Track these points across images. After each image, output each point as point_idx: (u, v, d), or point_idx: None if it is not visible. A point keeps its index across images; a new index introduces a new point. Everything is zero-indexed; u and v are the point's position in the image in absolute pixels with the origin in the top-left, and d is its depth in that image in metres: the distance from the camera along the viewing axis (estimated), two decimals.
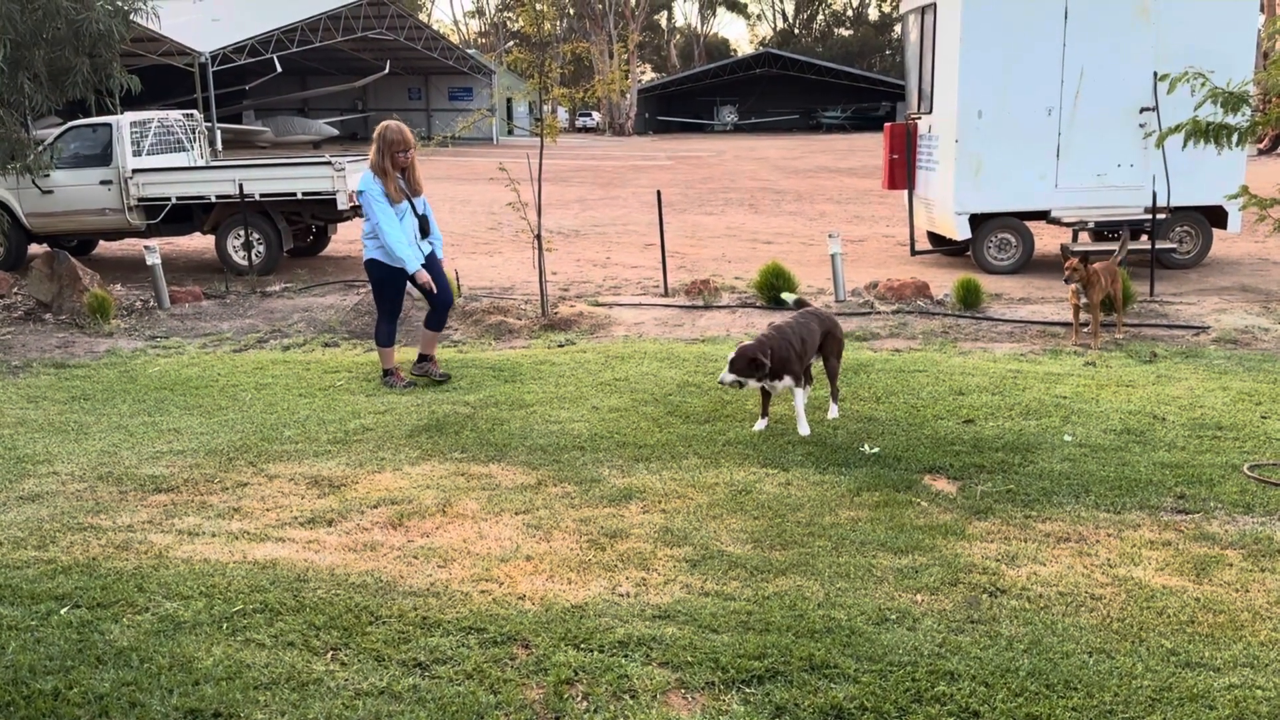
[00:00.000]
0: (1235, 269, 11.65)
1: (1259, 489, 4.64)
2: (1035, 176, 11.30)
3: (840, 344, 6.04)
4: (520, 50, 9.51)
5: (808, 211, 18.46)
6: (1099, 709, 2.89)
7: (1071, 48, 11.00)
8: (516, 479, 4.99)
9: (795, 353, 5.59)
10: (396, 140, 6.65)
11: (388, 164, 6.66)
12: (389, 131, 6.68)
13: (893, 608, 3.51)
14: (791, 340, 5.63)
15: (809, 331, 5.79)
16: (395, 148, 6.65)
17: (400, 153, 6.67)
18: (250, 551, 4.09)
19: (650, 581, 3.77)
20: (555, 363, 7.53)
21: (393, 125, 6.75)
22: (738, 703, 2.94)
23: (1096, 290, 7.88)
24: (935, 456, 5.13)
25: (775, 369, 5.49)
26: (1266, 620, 3.44)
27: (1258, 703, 2.92)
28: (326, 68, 46.06)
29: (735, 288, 10.49)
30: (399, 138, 6.66)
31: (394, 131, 6.68)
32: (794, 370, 5.58)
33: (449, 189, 23.63)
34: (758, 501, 4.57)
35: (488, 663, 3.18)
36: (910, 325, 8.76)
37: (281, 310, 10.34)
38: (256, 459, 5.35)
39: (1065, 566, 3.88)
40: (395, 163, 6.68)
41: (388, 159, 6.65)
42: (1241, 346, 7.81)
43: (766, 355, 5.43)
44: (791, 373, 5.57)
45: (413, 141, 6.77)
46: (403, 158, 6.69)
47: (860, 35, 74.18)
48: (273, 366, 7.80)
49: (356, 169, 12.62)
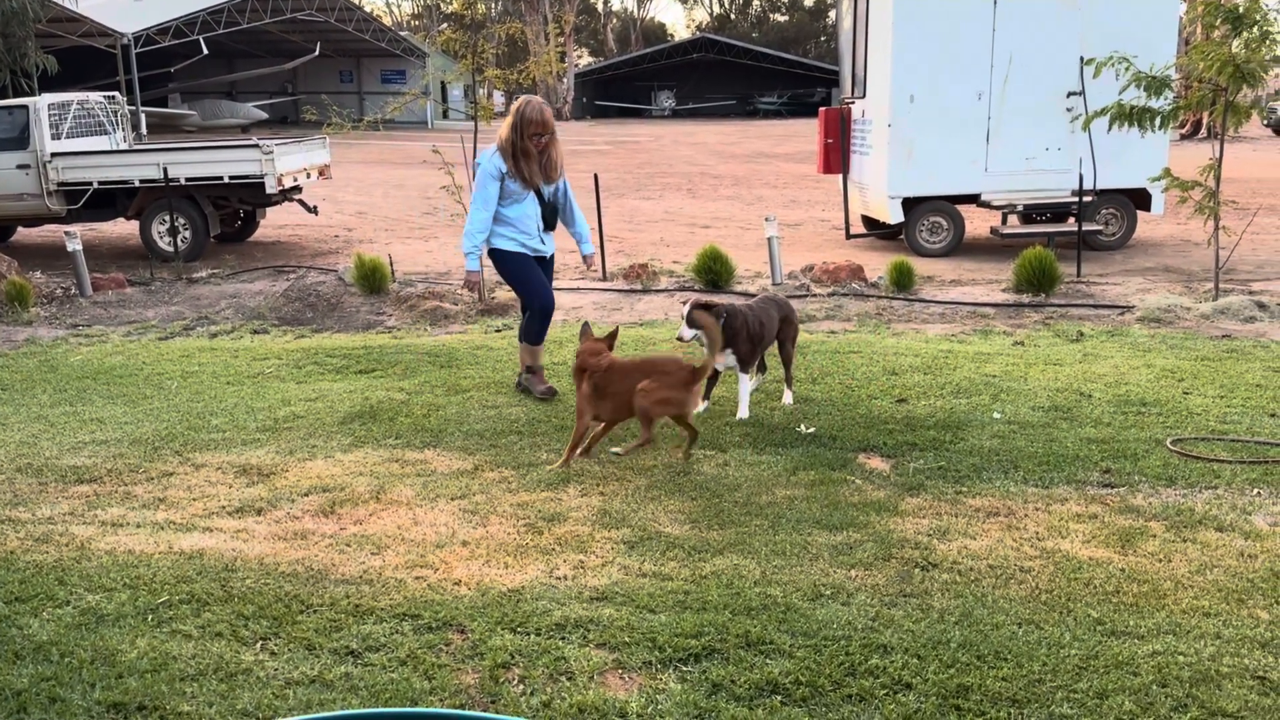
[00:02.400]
0: (1159, 250, 11.96)
1: (1181, 462, 4.76)
2: (966, 161, 11.47)
3: (795, 330, 5.99)
4: (453, 31, 9.37)
5: (745, 196, 18.53)
6: (1028, 678, 2.95)
7: (1001, 33, 11.17)
8: (452, 465, 4.94)
9: (749, 332, 5.49)
10: (535, 120, 5.71)
11: (525, 144, 5.74)
12: (529, 109, 5.71)
13: (827, 584, 3.54)
14: (749, 319, 5.53)
15: (768, 317, 5.69)
16: (532, 129, 5.72)
17: (537, 135, 5.74)
18: (176, 542, 3.98)
19: (588, 564, 3.75)
20: (492, 348, 7.47)
21: (535, 103, 5.78)
22: (674, 681, 2.94)
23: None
24: (869, 435, 5.19)
25: (727, 338, 5.35)
26: (1188, 589, 3.54)
27: (1179, 668, 3.00)
28: (255, 50, 44.96)
29: (674, 272, 10.49)
30: (539, 117, 5.71)
31: (535, 110, 5.72)
32: (742, 348, 5.48)
33: (383, 173, 23.28)
34: (695, 482, 4.58)
35: (422, 649, 3.14)
36: (845, 307, 8.84)
37: (209, 297, 10.09)
38: (183, 448, 5.21)
39: (995, 540, 3.94)
40: (531, 146, 5.76)
41: (525, 139, 5.73)
42: (1165, 325, 8.03)
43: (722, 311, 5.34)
44: (739, 350, 5.47)
45: (553, 125, 5.85)
46: (540, 141, 5.77)
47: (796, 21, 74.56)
48: (200, 354, 7.61)
49: (285, 152, 12.38)
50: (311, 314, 9.38)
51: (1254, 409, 5.58)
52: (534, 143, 5.76)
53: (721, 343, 5.23)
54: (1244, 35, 8.20)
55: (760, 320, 5.60)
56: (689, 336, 5.40)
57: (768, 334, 5.68)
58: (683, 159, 27.45)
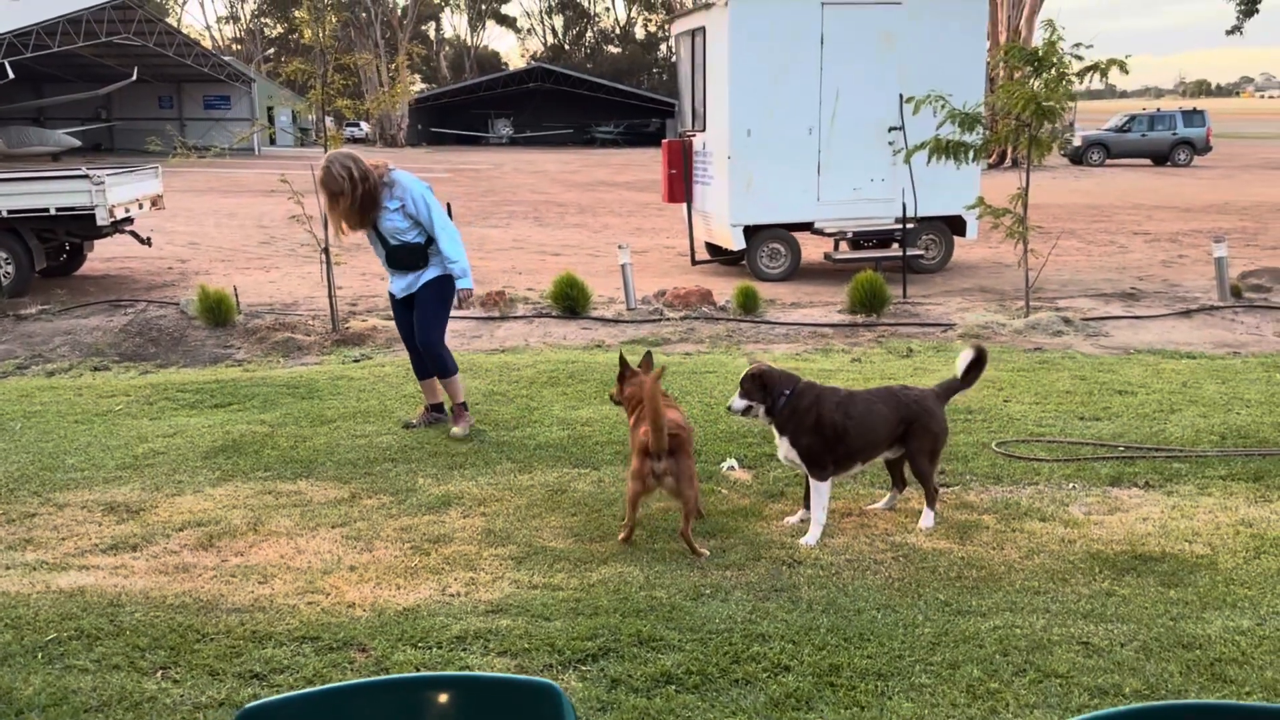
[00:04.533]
0: (974, 272, 12.96)
1: (1006, 462, 5.31)
2: (800, 190, 12.16)
3: (934, 439, 4.43)
4: (301, 62, 9.33)
5: (592, 224, 18.90)
6: (889, 654, 3.30)
7: (828, 71, 11.92)
8: (328, 494, 4.98)
9: (822, 423, 4.22)
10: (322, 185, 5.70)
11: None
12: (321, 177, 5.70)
13: (707, 584, 3.82)
14: (825, 407, 4.24)
15: (871, 413, 4.31)
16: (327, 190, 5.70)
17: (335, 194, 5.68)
18: (53, 581, 3.90)
19: (479, 580, 3.91)
20: (353, 377, 7.47)
21: (323, 164, 5.72)
22: (576, 680, 3.15)
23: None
24: (731, 449, 5.53)
25: (783, 420, 4.27)
26: (1020, 572, 4.00)
27: (1017, 639, 3.42)
28: (65, 74, 42.52)
29: (529, 298, 10.68)
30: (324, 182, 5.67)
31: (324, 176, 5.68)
32: (803, 440, 4.23)
33: (213, 202, 22.50)
34: (574, 499, 4.79)
35: (327, 667, 3.23)
36: (698, 330, 9.25)
37: (41, 334, 9.62)
38: (41, 488, 5.05)
39: (851, 538, 4.33)
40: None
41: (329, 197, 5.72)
42: (984, 340, 8.77)
43: (773, 379, 4.30)
44: (798, 443, 4.25)
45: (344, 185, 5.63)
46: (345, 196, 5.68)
47: (629, 53, 76.15)
48: (40, 394, 7.29)
49: (117, 182, 11.91)
50: (155, 349, 9.09)
51: (1065, 413, 6.24)
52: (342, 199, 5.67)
53: (776, 428, 4.31)
54: (1043, 76, 9.10)
55: (848, 413, 4.26)
56: (739, 408, 4.33)
57: (867, 436, 4.31)
58: (526, 187, 27.65)
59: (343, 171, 5.64)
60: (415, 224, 5.85)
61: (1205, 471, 5.12)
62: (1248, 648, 3.33)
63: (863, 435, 4.30)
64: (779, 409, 4.28)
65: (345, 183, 5.64)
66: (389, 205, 5.79)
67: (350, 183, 5.64)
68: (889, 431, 4.36)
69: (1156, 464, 5.24)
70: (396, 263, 5.94)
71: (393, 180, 5.82)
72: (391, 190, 5.79)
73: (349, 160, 5.72)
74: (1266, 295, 10.43)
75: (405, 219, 5.82)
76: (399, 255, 5.90)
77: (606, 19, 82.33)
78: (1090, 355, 8.12)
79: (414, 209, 5.81)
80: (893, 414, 4.36)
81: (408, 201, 5.80)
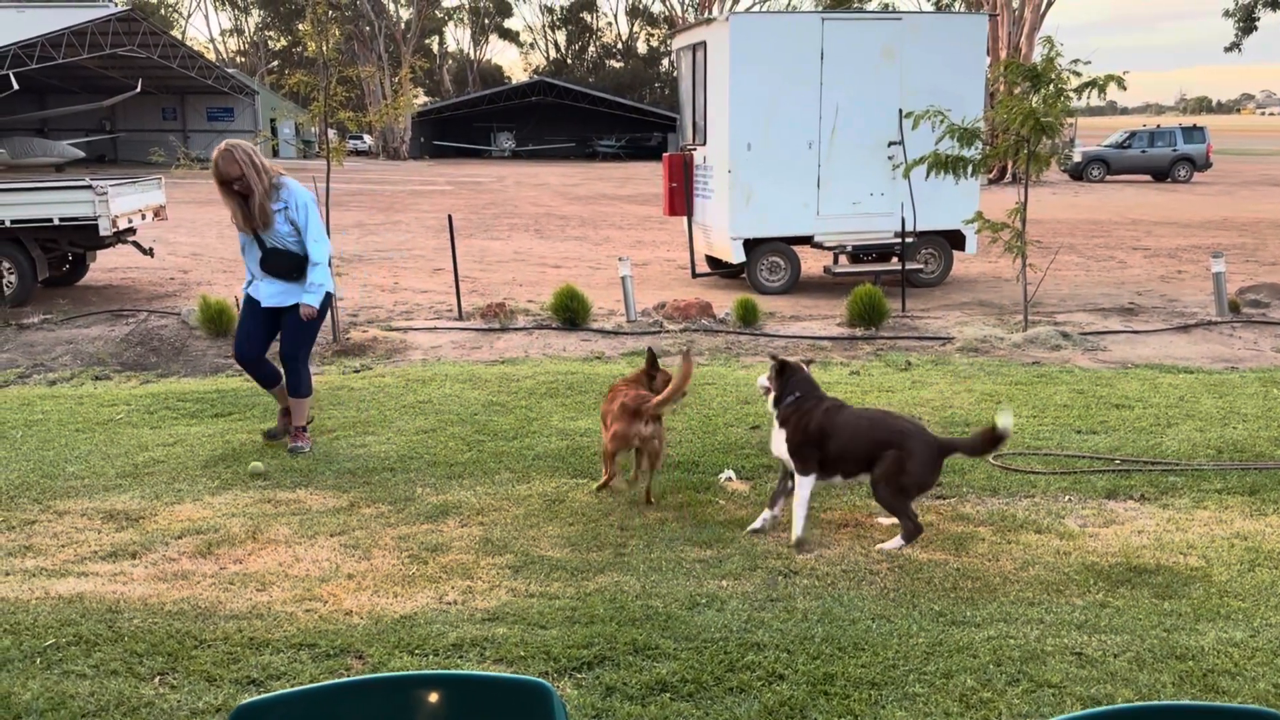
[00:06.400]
0: (973, 286, 13.00)
1: (1002, 475, 5.33)
2: (800, 204, 12.21)
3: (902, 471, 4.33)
4: (304, 74, 9.39)
5: (593, 237, 18.96)
6: (884, 664, 3.31)
7: (828, 86, 11.99)
8: (327, 502, 5.00)
9: (807, 427, 4.43)
10: (218, 171, 5.66)
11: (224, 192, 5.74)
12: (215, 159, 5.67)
13: (703, 593, 3.84)
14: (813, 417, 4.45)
15: (854, 431, 4.43)
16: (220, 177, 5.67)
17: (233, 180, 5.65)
18: (52, 587, 3.92)
19: (476, 589, 3.93)
20: (353, 388, 7.50)
21: (221, 150, 5.68)
22: (571, 687, 3.16)
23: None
24: (728, 460, 5.55)
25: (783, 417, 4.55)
26: (1014, 583, 4.01)
27: (1011, 649, 3.43)
28: (70, 85, 42.72)
29: (529, 310, 10.71)
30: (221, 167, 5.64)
31: (221, 157, 5.65)
32: (793, 438, 4.46)
33: (214, 213, 22.53)
34: (571, 509, 4.81)
35: (324, 674, 3.24)
36: (698, 342, 9.28)
37: (43, 343, 9.65)
38: (41, 496, 5.08)
39: (846, 548, 4.35)
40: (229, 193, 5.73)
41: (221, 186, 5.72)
42: (982, 354, 8.80)
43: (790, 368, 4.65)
44: (790, 440, 4.47)
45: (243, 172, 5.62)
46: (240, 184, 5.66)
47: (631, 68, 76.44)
48: (41, 402, 7.32)
49: (120, 193, 11.96)
50: (156, 358, 9.12)
51: (1063, 426, 6.26)
52: (236, 186, 5.65)
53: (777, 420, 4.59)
54: (1042, 92, 9.15)
55: (833, 419, 4.44)
56: (762, 385, 4.79)
57: (844, 445, 4.41)
58: (527, 200, 27.75)
59: (246, 158, 5.65)
60: (296, 232, 5.87)
61: (1201, 485, 5.14)
62: (1240, 659, 3.35)
63: (840, 444, 4.43)
64: (783, 404, 4.57)
65: (249, 169, 5.63)
66: (275, 208, 5.81)
67: (255, 171, 5.66)
68: (864, 450, 4.41)
69: (1152, 477, 5.26)
70: (271, 268, 5.90)
71: (281, 183, 5.86)
72: (279, 193, 5.82)
73: (253, 150, 5.76)
74: (1264, 311, 10.46)
75: (287, 223, 5.84)
76: (275, 259, 5.87)
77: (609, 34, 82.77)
78: (1088, 369, 8.14)
79: (295, 214, 5.82)
80: (870, 433, 4.44)
81: (291, 206, 5.83)
